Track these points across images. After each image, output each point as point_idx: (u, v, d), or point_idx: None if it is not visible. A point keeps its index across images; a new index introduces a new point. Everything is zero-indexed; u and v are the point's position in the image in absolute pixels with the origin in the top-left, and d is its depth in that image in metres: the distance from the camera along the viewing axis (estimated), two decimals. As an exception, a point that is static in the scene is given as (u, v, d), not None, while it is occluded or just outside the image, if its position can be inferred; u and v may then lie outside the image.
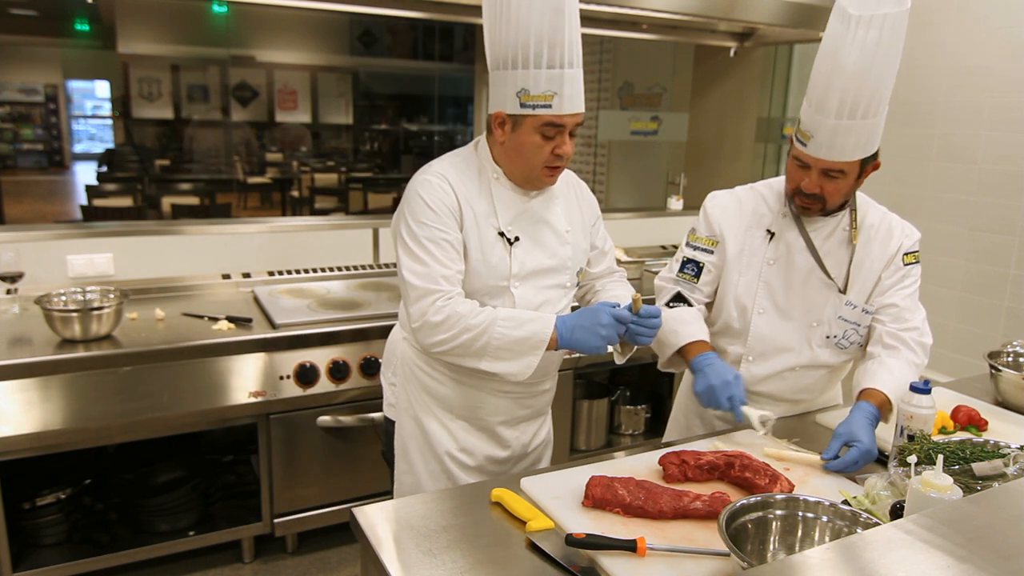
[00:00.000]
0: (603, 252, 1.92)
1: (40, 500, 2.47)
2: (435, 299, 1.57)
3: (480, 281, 1.65)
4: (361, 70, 9.24)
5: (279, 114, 9.01)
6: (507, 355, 1.58)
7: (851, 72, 1.58)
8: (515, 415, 1.81)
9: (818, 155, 1.66)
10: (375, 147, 9.76)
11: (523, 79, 1.54)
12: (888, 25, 1.56)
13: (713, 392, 1.69)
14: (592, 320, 1.58)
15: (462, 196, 1.63)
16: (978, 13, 3.36)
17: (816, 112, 1.64)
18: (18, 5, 7.39)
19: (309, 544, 2.88)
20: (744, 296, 1.87)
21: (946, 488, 1.18)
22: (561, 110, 1.56)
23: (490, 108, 1.64)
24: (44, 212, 9.07)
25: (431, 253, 1.59)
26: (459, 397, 1.75)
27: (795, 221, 1.83)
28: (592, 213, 1.87)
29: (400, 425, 1.82)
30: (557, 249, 1.73)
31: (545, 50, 1.52)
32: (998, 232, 3.35)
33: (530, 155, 1.61)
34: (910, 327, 1.80)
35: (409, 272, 1.60)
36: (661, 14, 3.37)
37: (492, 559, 1.24)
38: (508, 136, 1.61)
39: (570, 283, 1.78)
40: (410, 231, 1.61)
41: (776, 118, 4.64)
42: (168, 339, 2.46)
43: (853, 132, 1.62)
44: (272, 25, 8.43)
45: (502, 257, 1.66)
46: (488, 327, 1.56)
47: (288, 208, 8.41)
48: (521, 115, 1.57)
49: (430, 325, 1.57)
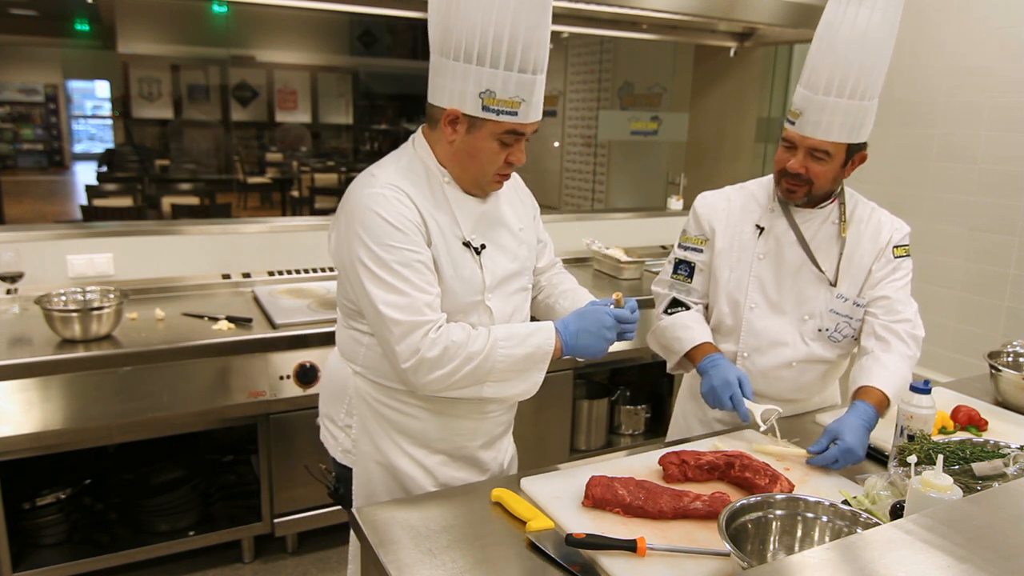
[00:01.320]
0: (545, 244, 1.80)
1: (40, 500, 2.47)
2: (426, 331, 1.39)
3: (455, 300, 1.47)
4: (361, 70, 9.25)
5: (279, 114, 9.02)
6: (512, 376, 1.46)
7: (842, 48, 1.61)
8: (492, 434, 1.67)
9: (804, 132, 1.69)
10: (375, 147, 9.76)
11: (489, 79, 1.35)
12: (881, 6, 1.59)
13: (715, 392, 1.70)
14: (597, 323, 1.49)
15: (422, 208, 1.44)
16: (978, 13, 3.36)
17: (805, 88, 1.68)
18: (18, 5, 7.39)
19: (309, 544, 2.88)
20: (735, 291, 1.87)
21: (946, 488, 1.18)
22: (527, 118, 1.40)
23: (437, 100, 1.42)
24: (44, 212, 9.08)
25: (407, 280, 1.39)
26: (436, 429, 1.58)
27: (784, 215, 1.84)
28: (532, 205, 1.72)
29: (363, 472, 1.60)
30: (516, 251, 1.59)
31: (519, 51, 1.35)
32: (998, 232, 3.35)
33: (484, 161, 1.44)
34: (902, 319, 1.80)
35: (386, 305, 1.39)
36: (661, 14, 3.38)
37: (492, 559, 1.24)
38: (461, 137, 1.42)
39: (529, 284, 1.67)
40: (375, 257, 1.39)
41: (776, 118, 4.64)
42: (168, 339, 2.46)
43: (840, 111, 1.65)
44: (272, 25, 8.43)
45: (473, 270, 1.49)
46: (490, 351, 1.42)
47: (288, 208, 8.41)
48: (481, 118, 1.39)
49: (427, 362, 1.39)
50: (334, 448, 1.66)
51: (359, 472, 1.61)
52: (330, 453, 1.68)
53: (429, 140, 1.50)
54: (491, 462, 1.69)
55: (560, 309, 1.72)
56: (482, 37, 1.34)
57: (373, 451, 1.59)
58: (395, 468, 1.59)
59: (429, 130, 1.50)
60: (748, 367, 1.88)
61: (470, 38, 1.34)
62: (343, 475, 1.66)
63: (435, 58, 1.42)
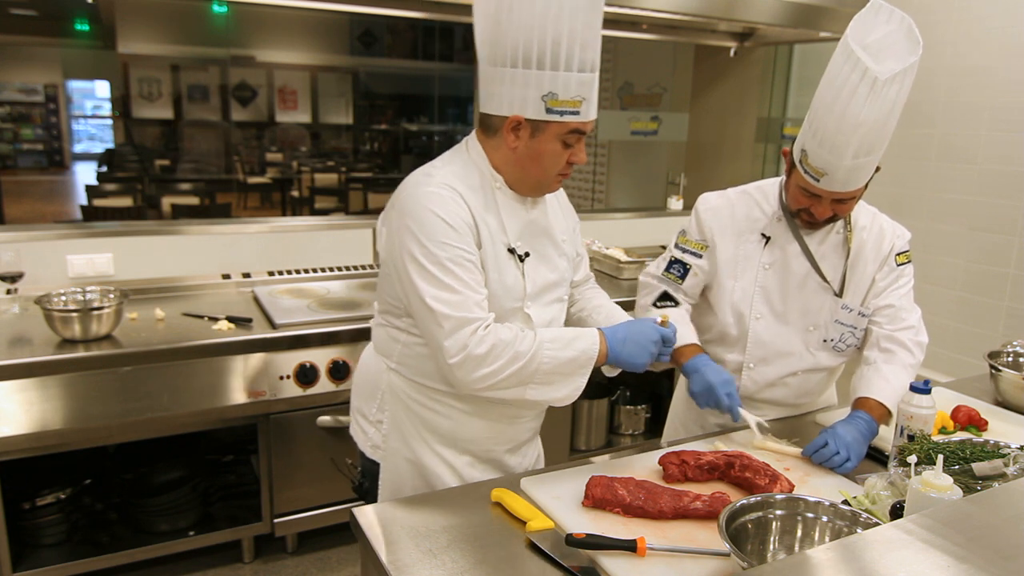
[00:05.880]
0: (582, 258, 1.81)
1: (40, 500, 2.47)
2: (475, 328, 1.39)
3: (496, 305, 1.48)
4: (361, 70, 9.25)
5: (279, 114, 9.02)
6: (556, 379, 1.45)
7: (872, 123, 1.55)
8: (519, 440, 1.69)
9: (832, 189, 1.64)
10: (375, 147, 9.77)
11: (551, 82, 1.38)
12: (908, 74, 1.54)
13: (713, 390, 1.67)
14: (643, 335, 1.50)
15: (475, 210, 1.46)
16: (978, 13, 3.36)
17: (830, 155, 1.59)
18: (18, 5, 7.39)
19: (309, 544, 2.88)
20: (741, 302, 1.86)
21: (946, 488, 1.18)
22: (588, 116, 1.44)
23: (494, 109, 1.45)
24: (44, 212, 9.08)
25: (459, 277, 1.40)
26: (468, 430, 1.59)
27: (789, 225, 1.83)
28: (573, 218, 1.75)
29: (390, 468, 1.62)
30: (557, 262, 1.61)
31: (577, 51, 1.37)
32: (998, 232, 3.35)
33: (548, 164, 1.46)
34: (906, 326, 1.80)
35: (436, 301, 1.39)
36: (661, 14, 3.37)
37: (492, 559, 1.24)
38: (524, 143, 1.44)
39: (566, 296, 1.68)
40: (428, 253, 1.39)
41: (776, 118, 4.64)
42: (168, 339, 2.46)
43: (868, 165, 1.62)
44: (272, 25, 8.44)
45: (516, 277, 1.51)
46: (537, 352, 1.42)
47: (288, 208, 8.41)
48: (545, 121, 1.41)
49: (474, 358, 1.39)
50: (363, 442, 1.67)
51: (387, 468, 1.63)
52: (359, 447, 1.69)
53: (484, 146, 1.51)
54: (516, 467, 1.70)
55: (592, 324, 1.71)
56: (540, 42, 1.36)
57: (402, 447, 1.60)
58: (423, 465, 1.60)
59: (484, 136, 1.51)
60: (754, 377, 1.87)
61: (527, 44, 1.37)
62: (369, 470, 1.68)
63: (486, 68, 1.44)
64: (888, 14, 1.57)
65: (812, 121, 1.63)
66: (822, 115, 1.60)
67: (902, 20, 1.56)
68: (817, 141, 1.61)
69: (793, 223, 1.82)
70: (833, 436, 1.61)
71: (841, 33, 1.61)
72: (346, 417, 2.70)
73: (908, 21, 1.56)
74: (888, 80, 1.51)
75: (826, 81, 1.61)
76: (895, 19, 1.56)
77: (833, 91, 1.58)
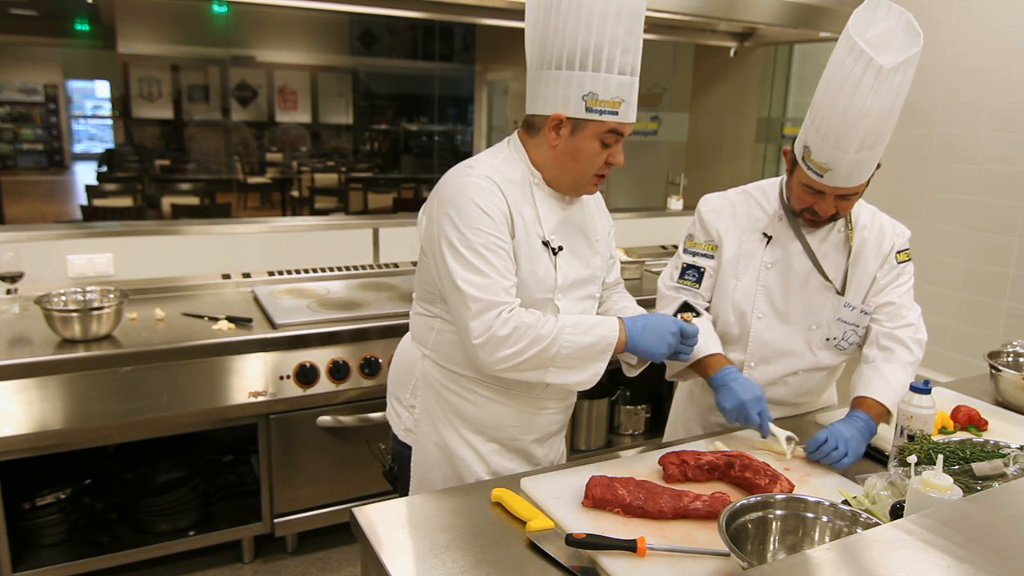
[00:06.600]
0: (615, 261, 1.87)
1: (40, 500, 2.47)
2: (499, 311, 1.45)
3: (527, 294, 1.54)
4: (361, 70, 9.24)
5: (279, 114, 9.01)
6: (575, 363, 1.50)
7: (877, 113, 1.55)
8: (547, 431, 1.73)
9: (836, 184, 1.64)
10: (375, 147, 9.76)
11: (592, 82, 1.45)
12: (911, 64, 1.55)
13: (744, 408, 1.65)
14: (662, 326, 1.55)
15: (512, 202, 1.52)
16: (978, 13, 3.36)
17: (834, 148, 1.59)
18: (18, 5, 7.39)
19: (309, 544, 2.88)
20: (743, 301, 1.86)
21: (946, 488, 1.18)
22: (626, 118, 1.50)
23: (539, 109, 1.53)
24: (44, 212, 9.08)
25: (490, 263, 1.47)
26: (495, 418, 1.65)
27: (791, 224, 1.83)
28: (608, 222, 1.81)
29: (421, 451, 1.69)
30: (590, 259, 1.67)
31: (618, 55, 1.45)
32: (998, 232, 3.35)
33: (586, 162, 1.53)
34: (906, 324, 1.81)
35: (466, 283, 1.46)
36: (661, 14, 3.37)
37: (492, 559, 1.24)
38: (564, 140, 1.51)
39: (597, 293, 1.72)
40: (463, 238, 1.46)
41: (776, 118, 4.64)
42: (168, 339, 2.46)
43: (871, 159, 1.62)
44: (272, 25, 8.43)
45: (548, 268, 1.57)
46: (557, 335, 1.47)
47: (288, 208, 8.41)
48: (585, 119, 1.48)
49: (497, 339, 1.45)
50: (397, 425, 1.74)
51: (417, 451, 1.69)
52: (392, 430, 1.76)
53: (526, 144, 1.59)
54: (543, 458, 1.76)
55: None
56: (583, 46, 1.44)
57: (432, 432, 1.67)
58: (451, 451, 1.66)
59: (526, 135, 1.59)
60: (755, 376, 1.87)
61: (571, 48, 1.45)
62: (400, 454, 1.74)
63: (534, 72, 1.53)
64: (887, 9, 1.58)
65: (815, 117, 1.64)
66: (825, 109, 1.61)
67: (900, 14, 1.58)
68: (821, 136, 1.62)
69: (795, 222, 1.82)
70: (831, 432, 1.62)
71: (840, 33, 1.61)
72: (346, 417, 2.71)
73: (907, 15, 1.57)
74: (893, 69, 1.52)
75: (829, 75, 1.62)
76: (894, 14, 1.58)
77: (837, 84, 1.59)
